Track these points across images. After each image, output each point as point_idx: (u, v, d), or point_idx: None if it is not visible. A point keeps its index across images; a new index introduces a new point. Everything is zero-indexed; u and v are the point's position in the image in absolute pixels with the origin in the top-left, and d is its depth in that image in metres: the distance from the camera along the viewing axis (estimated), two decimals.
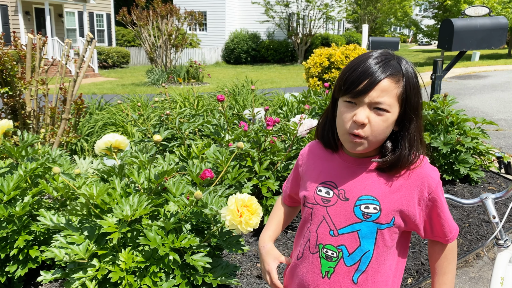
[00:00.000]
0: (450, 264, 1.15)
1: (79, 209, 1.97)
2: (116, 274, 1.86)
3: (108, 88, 13.43)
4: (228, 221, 1.75)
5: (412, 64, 1.08)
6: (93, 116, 5.58)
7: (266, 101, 6.16)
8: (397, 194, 1.07)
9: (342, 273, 1.09)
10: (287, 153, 2.96)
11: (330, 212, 1.11)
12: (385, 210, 1.06)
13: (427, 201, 1.08)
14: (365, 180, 1.09)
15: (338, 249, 1.09)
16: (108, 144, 2.42)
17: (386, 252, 1.09)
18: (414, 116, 1.05)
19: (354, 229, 1.08)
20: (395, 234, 1.09)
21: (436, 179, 1.09)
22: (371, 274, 1.09)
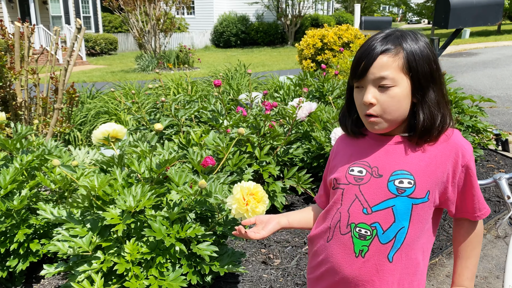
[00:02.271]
0: (474, 249, 1.13)
1: (81, 201, 1.93)
2: (122, 266, 1.83)
3: (98, 76, 13.23)
4: (234, 209, 1.73)
5: (422, 35, 1.08)
6: (85, 105, 5.48)
7: (260, 84, 6.10)
8: (431, 167, 1.05)
9: (377, 251, 1.06)
10: (286, 137, 2.92)
11: (363, 190, 1.08)
12: (420, 184, 1.04)
13: (461, 172, 1.06)
14: (398, 156, 1.08)
15: (372, 227, 1.06)
16: (106, 133, 2.36)
17: (420, 229, 1.06)
18: (429, 84, 1.04)
19: (388, 205, 1.05)
20: (430, 210, 1.07)
21: (469, 151, 1.07)
22: (406, 251, 1.06)
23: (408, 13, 29.33)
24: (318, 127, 3.11)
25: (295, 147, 3.00)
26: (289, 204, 3.05)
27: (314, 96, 3.75)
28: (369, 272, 1.07)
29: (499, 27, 23.69)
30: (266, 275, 2.29)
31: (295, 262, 2.39)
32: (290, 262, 2.40)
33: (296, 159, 3.11)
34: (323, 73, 3.79)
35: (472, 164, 1.07)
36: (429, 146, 1.07)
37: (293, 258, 2.43)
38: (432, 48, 1.07)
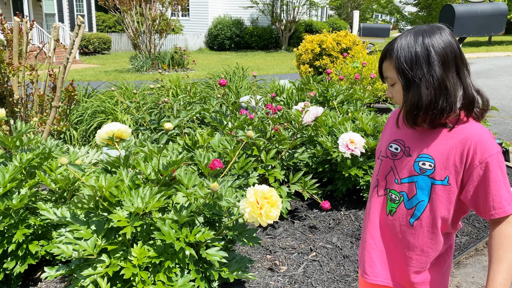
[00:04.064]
0: (506, 252, 1.12)
1: (86, 202, 1.86)
2: (128, 271, 1.77)
3: (91, 75, 13.09)
4: (248, 213, 1.68)
5: (420, 28, 1.21)
6: (81, 104, 5.39)
7: (259, 88, 6.05)
8: (451, 154, 1.17)
9: (402, 213, 1.27)
10: (292, 141, 2.88)
11: (396, 164, 1.29)
12: (438, 168, 1.19)
13: (478, 168, 1.15)
14: (426, 141, 1.22)
15: (400, 194, 1.27)
16: (110, 133, 2.30)
17: (441, 209, 1.21)
18: (416, 72, 1.16)
19: (413, 180, 1.24)
20: (452, 195, 1.19)
21: (490, 146, 1.14)
22: (426, 223, 1.23)
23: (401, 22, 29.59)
24: (323, 132, 3.07)
25: (300, 151, 2.96)
26: (293, 209, 3.00)
27: (317, 100, 3.72)
28: (395, 229, 1.29)
29: (489, 38, 24.00)
30: (272, 282, 2.24)
31: (302, 270, 2.34)
32: (296, 269, 2.35)
33: (301, 164, 3.07)
34: (328, 77, 3.76)
35: (493, 161, 1.13)
36: (453, 134, 1.18)
37: (300, 265, 2.38)
38: (428, 37, 1.17)
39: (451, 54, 1.16)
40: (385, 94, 4.54)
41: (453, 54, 1.16)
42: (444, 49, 1.15)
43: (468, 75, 1.19)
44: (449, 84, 1.15)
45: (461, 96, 1.15)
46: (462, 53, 1.19)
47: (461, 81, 1.16)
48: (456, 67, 1.17)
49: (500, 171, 1.13)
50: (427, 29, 1.18)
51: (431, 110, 1.15)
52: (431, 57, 1.15)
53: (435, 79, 1.14)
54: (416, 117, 1.18)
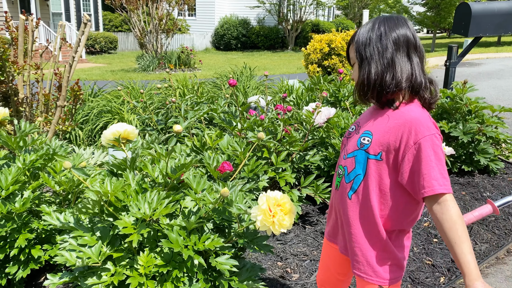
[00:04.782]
0: (463, 232, 1.13)
1: (91, 207, 1.77)
2: (135, 280, 1.68)
3: (97, 74, 13.06)
4: (260, 221, 1.59)
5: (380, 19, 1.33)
6: (87, 103, 5.33)
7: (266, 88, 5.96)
8: (388, 133, 1.26)
9: (343, 187, 1.38)
10: (304, 143, 2.79)
11: (348, 142, 1.41)
12: (374, 143, 1.28)
13: (413, 149, 1.20)
14: (373, 120, 1.33)
15: (343, 168, 1.38)
16: (117, 134, 2.22)
17: (374, 184, 1.28)
18: (368, 53, 1.29)
19: (354, 155, 1.34)
20: (383, 171, 1.27)
21: (424, 128, 1.20)
22: (362, 197, 1.31)
23: None
24: (336, 133, 2.97)
25: (311, 153, 2.87)
26: (304, 214, 2.91)
27: (328, 101, 3.62)
28: (338, 202, 1.42)
29: (499, 39, 23.73)
30: None
31: (314, 278, 2.24)
32: (309, 277, 2.25)
33: (312, 167, 2.97)
34: (339, 77, 3.66)
35: (426, 142, 1.18)
36: (395, 115, 1.27)
37: (312, 273, 2.28)
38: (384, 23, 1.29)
39: (403, 38, 1.27)
40: None
41: (405, 39, 1.27)
42: (397, 33, 1.27)
43: (420, 62, 1.29)
44: (397, 64, 1.25)
45: (408, 77, 1.25)
46: (417, 41, 1.30)
47: (411, 65, 1.27)
48: (407, 52, 1.27)
49: (432, 152, 1.18)
50: (386, 17, 1.33)
51: (378, 85, 1.26)
52: (383, 39, 1.27)
53: (385, 58, 1.26)
54: (364, 92, 1.31)
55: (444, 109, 3.56)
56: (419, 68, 1.28)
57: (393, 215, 1.30)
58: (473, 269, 1.10)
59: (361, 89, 1.33)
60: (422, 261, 2.40)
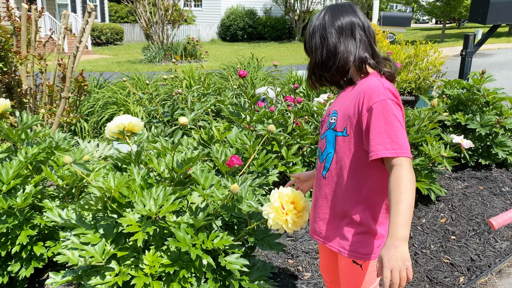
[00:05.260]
0: (402, 194, 1.13)
1: (94, 203, 1.69)
2: (140, 280, 1.60)
3: (103, 66, 12.98)
4: (272, 219, 1.49)
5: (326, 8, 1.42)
6: (93, 94, 5.24)
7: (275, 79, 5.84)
8: (348, 108, 1.30)
9: (319, 167, 1.43)
10: (315, 135, 2.68)
11: (322, 125, 1.45)
12: (339, 120, 1.33)
13: (368, 115, 1.23)
14: (338, 100, 1.40)
15: (318, 150, 1.43)
16: (121, 127, 2.12)
17: (345, 159, 1.32)
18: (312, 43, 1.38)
19: (325, 135, 1.39)
20: (351, 145, 1.30)
21: (376, 94, 1.23)
22: (335, 174, 1.35)
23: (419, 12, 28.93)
24: None
25: None
26: None
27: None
28: (316, 182, 1.46)
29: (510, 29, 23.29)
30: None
31: None
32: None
33: None
34: None
35: (377, 107, 1.21)
36: (354, 90, 1.32)
37: None
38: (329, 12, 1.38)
39: (347, 24, 1.34)
40: (410, 85, 4.30)
41: (349, 24, 1.34)
42: (341, 20, 1.34)
43: (369, 42, 1.35)
44: (342, 47, 1.32)
45: (354, 56, 1.31)
46: (364, 24, 1.36)
47: (356, 45, 1.32)
48: (352, 34, 1.33)
49: (382, 117, 1.20)
50: (331, 6, 1.40)
51: (324, 69, 1.34)
52: (327, 27, 1.35)
53: (328, 45, 1.33)
54: (313, 77, 1.39)
55: (460, 101, 3.43)
56: (365, 45, 1.34)
57: (368, 188, 1.31)
58: (397, 229, 1.10)
59: (309, 75, 1.42)
60: (440, 260, 2.29)
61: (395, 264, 1.07)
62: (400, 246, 1.09)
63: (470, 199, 2.87)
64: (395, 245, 1.09)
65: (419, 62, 4.27)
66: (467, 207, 2.77)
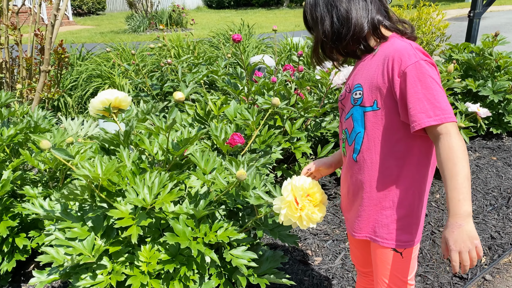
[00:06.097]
0: (455, 165, 1.00)
1: (79, 193, 1.47)
2: (136, 279, 1.40)
3: (86, 37, 12.46)
4: (284, 216, 1.30)
5: None
6: (75, 67, 4.92)
7: (267, 47, 5.56)
8: (374, 76, 1.15)
9: (348, 151, 1.27)
10: (321, 108, 2.46)
11: (344, 104, 1.30)
12: (366, 93, 1.17)
13: (401, 82, 1.08)
14: (358, 72, 1.23)
15: (345, 132, 1.28)
16: (106, 103, 1.89)
17: (378, 136, 1.16)
18: (317, 14, 1.23)
19: (350, 114, 1.23)
20: (385, 119, 1.14)
21: (407, 57, 1.08)
22: (367, 154, 1.19)
23: None
24: None
25: (328, 119, 2.55)
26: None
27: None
28: (346, 169, 1.30)
29: None
30: (307, 278, 1.89)
31: (339, 261, 1.99)
32: (333, 260, 1.99)
33: (328, 134, 2.67)
34: None
35: (410, 71, 1.07)
36: (376, 57, 1.17)
37: (337, 255, 2.03)
38: None
39: None
40: None
41: None
42: None
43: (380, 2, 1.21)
44: (353, 13, 1.18)
45: (367, 19, 1.17)
46: None
47: (367, 8, 1.18)
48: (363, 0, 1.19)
49: (418, 81, 1.06)
50: None
51: (336, 40, 1.19)
52: None
53: (339, 11, 1.19)
54: (321, 52, 1.25)
55: (469, 66, 3.23)
56: (377, 6, 1.20)
57: (409, 164, 1.16)
58: (458, 206, 0.97)
59: (320, 49, 1.26)
60: None
61: (463, 246, 0.96)
62: (465, 224, 0.97)
63: (484, 171, 2.71)
64: (459, 224, 0.97)
65: (422, 25, 4.02)
66: (482, 180, 2.61)
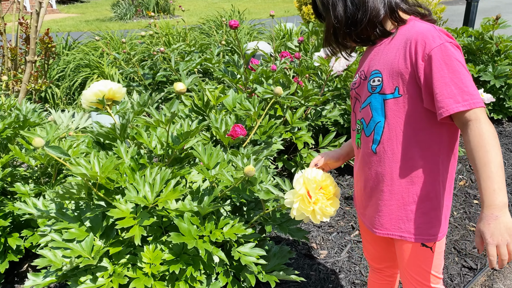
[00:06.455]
0: (488, 153, 0.93)
1: (76, 191, 1.38)
2: (140, 282, 1.33)
3: (71, 25, 12.17)
4: (296, 210, 1.24)
5: None
6: (62, 57, 4.77)
7: (260, 33, 5.46)
8: (395, 61, 1.08)
9: (365, 142, 1.17)
10: (320, 96, 2.39)
11: (358, 92, 1.21)
12: (386, 79, 1.09)
13: (425, 66, 1.01)
14: (374, 57, 1.15)
15: (360, 122, 1.19)
16: (100, 95, 1.79)
17: (400, 125, 1.09)
18: (329, 1, 1.14)
19: (367, 103, 1.15)
20: (408, 106, 1.07)
21: (430, 40, 1.01)
22: (387, 145, 1.11)
23: None
24: None
25: (329, 108, 2.48)
26: None
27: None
28: (362, 162, 1.20)
29: None
30: (313, 272, 1.83)
31: (346, 254, 1.94)
32: (339, 253, 1.94)
33: (328, 123, 2.60)
34: None
35: (436, 54, 1.00)
36: (395, 41, 1.10)
37: (342, 248, 1.97)
38: None
39: None
40: None
41: None
42: None
43: None
44: None
45: (384, 5, 1.11)
46: None
47: None
48: None
49: (444, 65, 0.99)
50: None
51: (351, 25, 1.13)
52: None
53: None
54: (334, 39, 1.18)
55: (469, 50, 3.17)
56: None
57: (433, 153, 1.09)
58: (493, 197, 0.91)
59: (333, 36, 1.18)
60: (465, 228, 2.10)
61: (500, 239, 0.90)
62: (501, 215, 0.91)
63: None
64: (495, 216, 0.91)
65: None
66: None
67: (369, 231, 1.32)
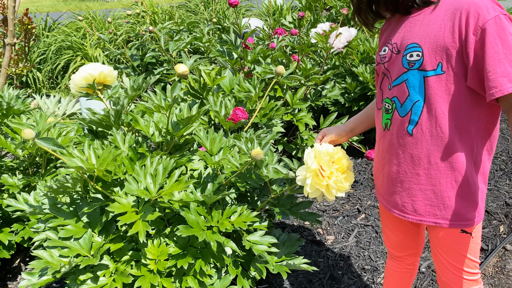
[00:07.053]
0: None
1: (71, 185, 1.28)
2: (145, 280, 1.25)
3: (49, 6, 11.74)
4: (310, 186, 1.16)
5: None
6: (42, 39, 4.56)
7: (247, 10, 5.29)
8: (439, 33, 0.97)
9: (397, 123, 1.08)
10: (323, 75, 2.29)
11: (387, 67, 1.10)
12: (427, 54, 0.99)
13: (471, 34, 0.91)
14: (411, 29, 1.05)
15: (392, 101, 1.09)
16: (90, 79, 1.67)
17: (442, 105, 0.99)
18: None
19: (402, 80, 1.05)
20: (451, 85, 0.97)
21: (479, 9, 0.91)
22: (426, 126, 1.02)
23: None
24: (355, 60, 2.48)
25: (329, 87, 2.39)
26: None
27: (334, 20, 3.08)
28: (391, 144, 1.10)
29: None
30: (322, 259, 1.77)
31: (353, 239, 1.87)
32: (347, 238, 1.88)
33: (328, 103, 2.51)
34: None
35: (490, 27, 0.89)
36: (439, 11, 1.00)
37: (350, 232, 1.91)
38: None
39: None
40: None
41: None
42: None
43: None
44: None
45: None
46: None
47: None
48: None
49: (499, 40, 0.89)
50: None
51: None
52: None
53: None
54: (368, 7, 1.10)
55: None
56: None
57: (473, 135, 1.01)
58: None
59: (367, 5, 1.09)
60: None
61: None
62: None
63: None
64: None
65: None
66: None
67: (392, 218, 1.25)
